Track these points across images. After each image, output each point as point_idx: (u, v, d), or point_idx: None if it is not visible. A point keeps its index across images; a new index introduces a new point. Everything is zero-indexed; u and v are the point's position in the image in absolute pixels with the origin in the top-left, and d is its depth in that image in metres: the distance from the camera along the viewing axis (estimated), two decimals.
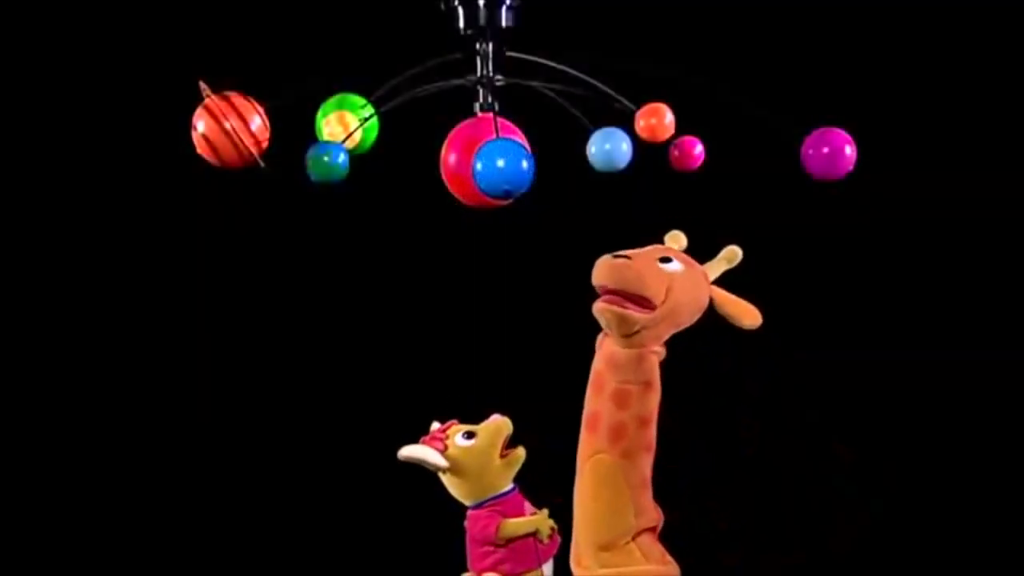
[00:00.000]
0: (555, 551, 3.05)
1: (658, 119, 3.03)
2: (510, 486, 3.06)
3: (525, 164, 2.63)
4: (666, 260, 2.91)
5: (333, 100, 2.95)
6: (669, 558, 2.96)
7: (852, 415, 4.05)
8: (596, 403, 2.91)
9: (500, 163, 2.63)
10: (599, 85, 2.99)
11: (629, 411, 2.88)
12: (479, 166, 2.64)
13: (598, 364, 2.93)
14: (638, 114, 3.03)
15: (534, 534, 3.04)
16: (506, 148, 2.65)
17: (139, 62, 3.96)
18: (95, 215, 4.06)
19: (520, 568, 3.03)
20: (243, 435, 4.12)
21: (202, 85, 2.69)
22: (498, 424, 3.07)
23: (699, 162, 3.10)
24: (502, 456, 3.04)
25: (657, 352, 2.90)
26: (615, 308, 2.85)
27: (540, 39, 2.97)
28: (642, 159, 3.03)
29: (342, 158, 2.69)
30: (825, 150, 2.81)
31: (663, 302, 2.86)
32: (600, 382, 2.91)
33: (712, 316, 2.96)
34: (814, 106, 2.99)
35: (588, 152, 3.02)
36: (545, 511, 3.07)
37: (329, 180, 2.69)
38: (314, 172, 2.69)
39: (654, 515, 2.96)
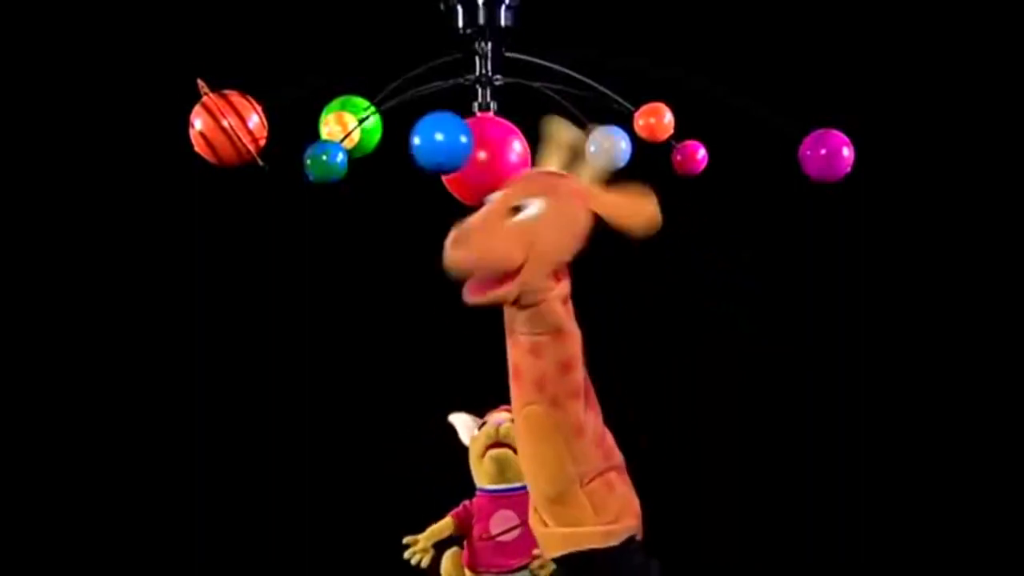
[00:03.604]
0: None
1: (657, 118, 3.03)
2: (495, 487, 3.16)
3: (463, 138, 2.59)
4: (518, 209, 2.68)
5: (336, 102, 2.94)
6: (632, 508, 2.78)
7: (851, 415, 4.05)
8: (516, 355, 2.74)
9: (439, 137, 2.58)
10: (599, 86, 2.99)
11: (547, 359, 2.70)
12: (417, 140, 2.59)
13: (506, 316, 2.75)
14: (637, 113, 3.03)
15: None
16: (443, 122, 2.59)
17: (139, 62, 3.96)
18: (94, 214, 4.06)
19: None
20: (243, 434, 4.12)
21: (200, 84, 2.69)
22: (486, 429, 3.19)
23: (702, 166, 3.09)
24: (481, 455, 3.17)
25: (556, 295, 2.70)
26: (479, 299, 2.66)
27: (540, 39, 2.96)
28: (642, 159, 3.03)
29: (341, 157, 2.69)
30: (823, 152, 2.81)
31: (526, 260, 2.64)
32: (514, 333, 2.74)
33: None
34: (814, 106, 2.99)
35: (588, 152, 3.02)
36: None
37: (328, 180, 2.69)
38: (313, 172, 2.68)
39: (597, 462, 2.75)
